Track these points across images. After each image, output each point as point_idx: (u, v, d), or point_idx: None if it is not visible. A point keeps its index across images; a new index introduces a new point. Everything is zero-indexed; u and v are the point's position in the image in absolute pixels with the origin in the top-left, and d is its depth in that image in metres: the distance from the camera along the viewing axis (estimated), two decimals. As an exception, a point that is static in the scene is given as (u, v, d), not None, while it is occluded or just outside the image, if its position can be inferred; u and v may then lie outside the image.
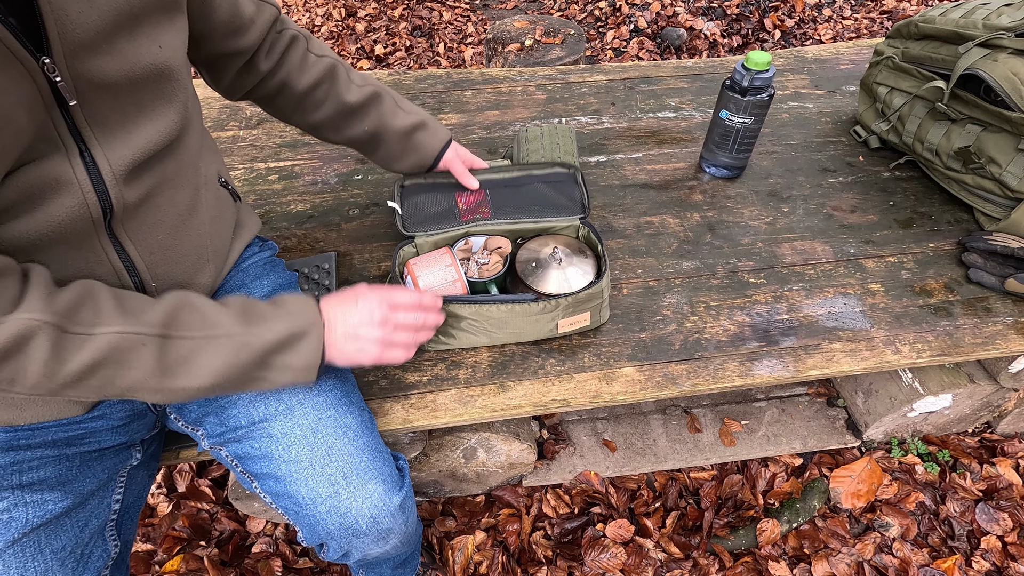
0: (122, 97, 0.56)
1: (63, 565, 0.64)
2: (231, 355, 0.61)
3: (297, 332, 0.65)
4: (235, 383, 0.63)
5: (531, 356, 0.92)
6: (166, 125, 0.61)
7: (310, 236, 1.10)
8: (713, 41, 2.94)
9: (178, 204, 0.65)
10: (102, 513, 0.70)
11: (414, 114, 0.91)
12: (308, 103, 0.85)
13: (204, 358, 0.59)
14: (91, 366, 0.54)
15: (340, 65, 0.86)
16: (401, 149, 0.92)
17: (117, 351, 0.55)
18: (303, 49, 0.83)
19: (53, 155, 0.53)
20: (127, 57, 0.54)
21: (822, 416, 1.38)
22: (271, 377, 0.65)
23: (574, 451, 1.32)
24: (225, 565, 1.19)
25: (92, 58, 0.52)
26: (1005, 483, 1.29)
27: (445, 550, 1.19)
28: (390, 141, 0.91)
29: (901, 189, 1.21)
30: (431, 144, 0.93)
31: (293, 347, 0.64)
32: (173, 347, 0.58)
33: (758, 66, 1.06)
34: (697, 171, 1.25)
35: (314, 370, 0.67)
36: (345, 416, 0.74)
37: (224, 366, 0.60)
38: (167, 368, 0.58)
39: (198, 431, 0.75)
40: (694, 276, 1.04)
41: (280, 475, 0.71)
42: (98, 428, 0.69)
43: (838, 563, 1.18)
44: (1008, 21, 1.02)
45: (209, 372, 0.60)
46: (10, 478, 0.63)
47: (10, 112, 0.47)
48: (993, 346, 0.95)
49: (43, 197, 0.53)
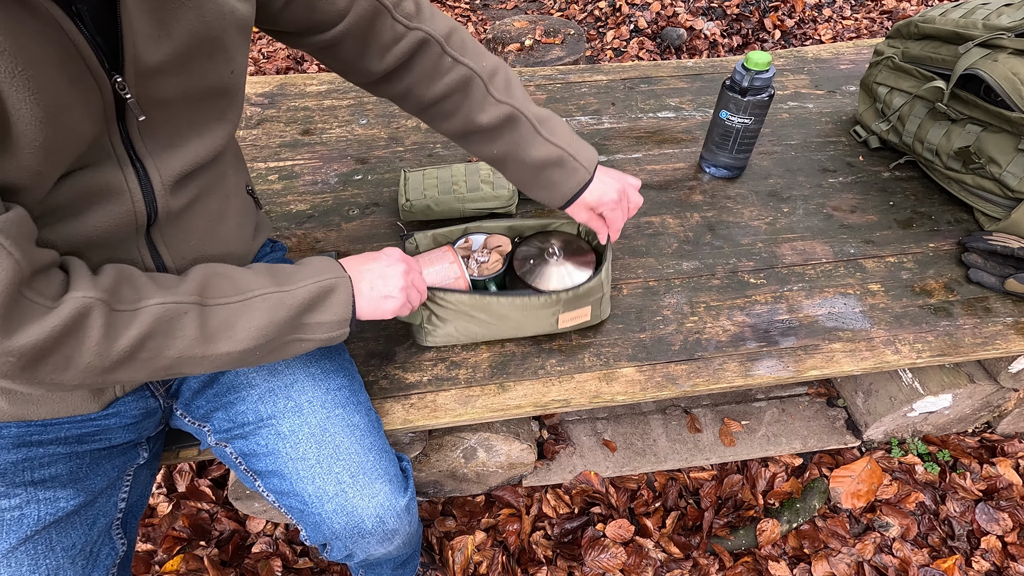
0: (181, 113, 0.58)
1: (74, 563, 0.65)
2: (268, 313, 0.60)
3: (327, 287, 0.64)
4: (274, 345, 0.62)
5: (531, 356, 0.92)
6: (214, 141, 0.62)
7: (310, 236, 1.10)
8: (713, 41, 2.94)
9: (211, 211, 0.67)
10: (109, 512, 0.71)
11: (554, 145, 0.78)
12: (435, 112, 0.78)
13: (243, 319, 0.59)
14: (139, 340, 0.53)
15: (478, 76, 0.75)
16: (532, 181, 0.82)
17: (161, 322, 0.55)
18: (436, 53, 0.73)
19: (106, 163, 0.54)
20: (196, 79, 0.57)
21: (822, 416, 1.38)
22: (306, 336, 0.64)
23: (574, 451, 1.32)
24: (225, 565, 1.19)
25: (160, 79, 0.53)
26: (1005, 483, 1.29)
27: (445, 550, 1.19)
28: (520, 171, 0.81)
29: (901, 189, 1.21)
30: (565, 185, 0.80)
31: (325, 302, 0.64)
32: (212, 313, 0.58)
33: (758, 66, 1.06)
34: (697, 171, 1.25)
35: (346, 324, 0.66)
36: (353, 415, 0.74)
37: (263, 325, 0.60)
38: (209, 334, 0.57)
39: (204, 427, 0.76)
40: (694, 276, 1.04)
41: (286, 473, 0.71)
42: (111, 425, 0.69)
43: (838, 563, 1.18)
44: (1008, 21, 1.02)
45: (249, 333, 0.59)
46: (22, 475, 0.63)
47: (78, 124, 0.49)
48: (993, 346, 0.95)
49: (92, 202, 0.54)
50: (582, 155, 0.80)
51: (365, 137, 1.33)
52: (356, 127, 1.35)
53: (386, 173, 1.23)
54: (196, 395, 0.75)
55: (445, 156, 1.28)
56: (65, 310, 0.49)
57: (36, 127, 0.45)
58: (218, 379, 0.75)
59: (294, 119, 1.37)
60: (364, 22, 0.69)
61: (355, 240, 1.09)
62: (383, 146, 1.30)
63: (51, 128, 0.46)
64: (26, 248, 0.47)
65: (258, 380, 0.74)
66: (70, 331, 0.50)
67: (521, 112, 0.77)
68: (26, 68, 0.44)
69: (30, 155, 0.46)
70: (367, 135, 1.33)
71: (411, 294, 0.72)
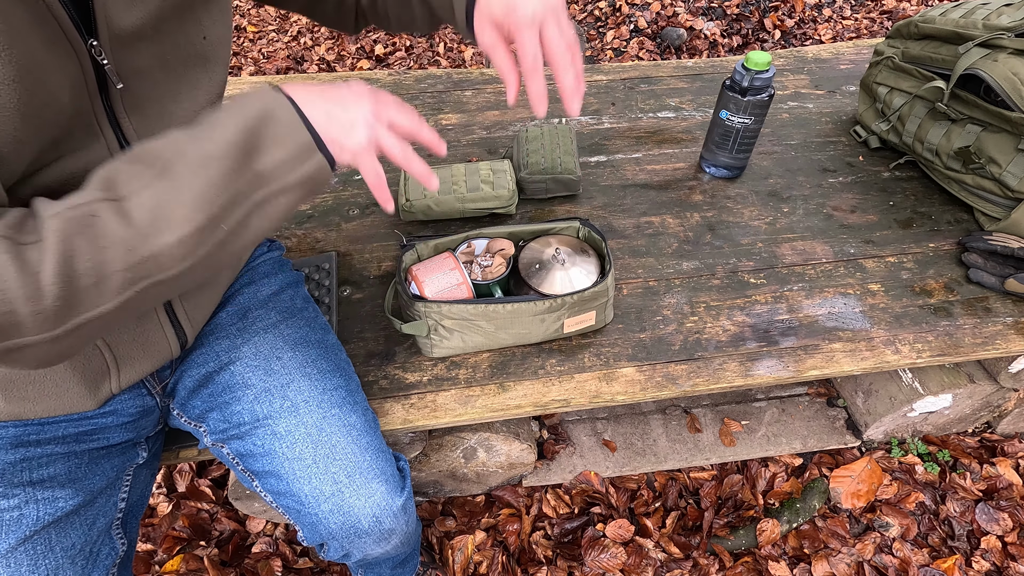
0: (160, 84, 0.56)
1: (73, 563, 0.64)
2: (199, 176, 0.47)
3: (258, 115, 0.49)
4: (237, 214, 0.49)
5: (531, 356, 0.92)
6: (198, 111, 0.61)
7: (310, 236, 1.10)
8: (713, 41, 2.94)
9: None
10: (109, 511, 0.71)
11: None
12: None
13: (172, 195, 0.47)
14: (60, 263, 0.44)
15: None
16: (419, 7, 0.70)
17: (69, 235, 0.44)
18: None
19: (92, 145, 0.53)
20: (170, 45, 0.55)
21: (822, 416, 1.38)
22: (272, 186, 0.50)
23: (574, 451, 1.32)
24: (225, 565, 1.19)
25: (136, 44, 0.52)
26: (1005, 483, 1.29)
27: (445, 550, 1.19)
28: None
29: (901, 189, 1.21)
30: None
31: (265, 135, 0.49)
32: (131, 204, 0.47)
33: (758, 66, 1.06)
34: (697, 171, 1.25)
35: (313, 150, 0.51)
36: (349, 415, 0.74)
37: (200, 192, 0.47)
38: (141, 228, 0.46)
39: (200, 428, 0.75)
40: (694, 276, 1.04)
41: (283, 473, 0.71)
42: (108, 424, 0.69)
43: (838, 563, 1.18)
44: (1008, 21, 1.02)
45: (188, 209, 0.47)
46: (20, 475, 0.63)
47: (56, 91, 0.48)
48: (993, 346, 0.95)
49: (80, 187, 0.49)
50: None
51: (365, 137, 1.32)
52: (356, 127, 1.35)
53: (386, 173, 1.23)
54: (192, 395, 0.75)
55: (445, 156, 1.28)
56: None
57: (8, 87, 0.44)
58: (213, 379, 0.75)
59: (294, 119, 1.37)
60: None
61: (355, 240, 1.09)
62: (383, 146, 1.30)
63: (25, 90, 0.45)
64: None
65: (254, 380, 0.74)
66: None
67: None
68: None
69: (5, 119, 0.45)
70: (367, 135, 1.33)
71: (380, 131, 0.53)
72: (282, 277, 0.84)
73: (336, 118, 0.51)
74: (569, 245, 0.92)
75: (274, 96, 0.50)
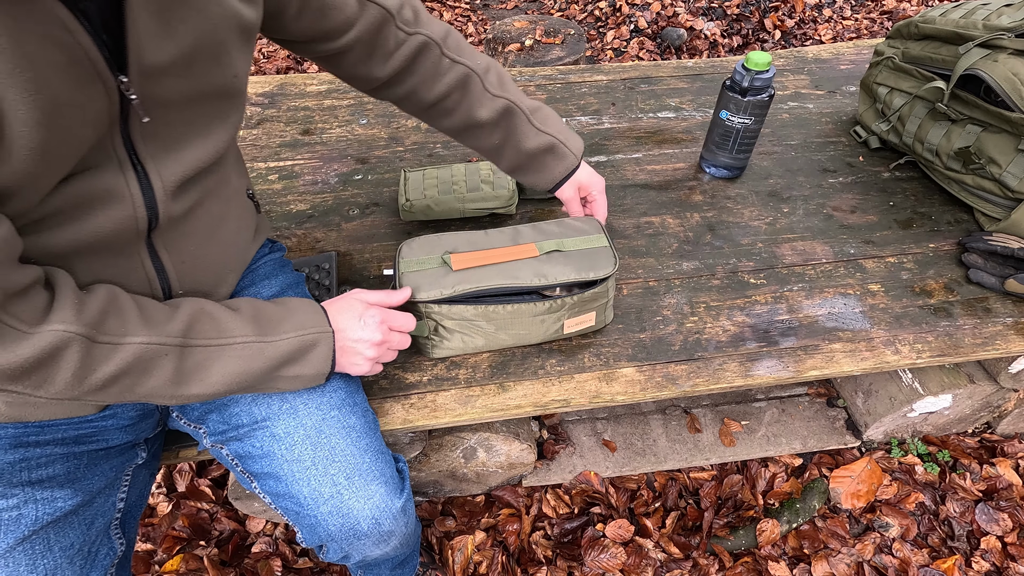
0: (183, 115, 0.57)
1: (72, 563, 0.65)
2: (245, 362, 0.62)
3: (309, 343, 0.66)
4: (245, 389, 0.64)
5: (531, 356, 0.92)
6: (215, 144, 0.62)
7: (310, 236, 1.10)
8: (713, 41, 2.94)
9: (212, 216, 0.67)
10: (107, 512, 0.71)
11: (546, 134, 0.85)
12: (436, 111, 0.82)
13: (218, 365, 0.60)
14: (115, 375, 0.55)
15: (475, 73, 0.80)
16: (526, 167, 0.88)
17: (141, 361, 0.55)
18: (435, 56, 0.77)
19: (106, 166, 0.53)
20: (199, 81, 0.56)
21: (822, 416, 1.38)
22: (280, 385, 0.67)
23: (574, 451, 1.32)
24: (225, 565, 1.19)
25: (164, 80, 0.53)
26: (1005, 483, 1.29)
27: (445, 550, 1.19)
28: (515, 158, 0.87)
29: (901, 189, 1.21)
30: (556, 169, 0.88)
31: (305, 357, 0.66)
32: (190, 355, 0.59)
33: (758, 66, 1.06)
34: (697, 171, 1.25)
35: (324, 377, 0.69)
36: (349, 417, 0.74)
37: (237, 373, 0.61)
38: (183, 376, 0.59)
39: (200, 429, 0.75)
40: (694, 276, 1.04)
41: (282, 475, 0.71)
42: (108, 427, 0.69)
43: (838, 563, 1.18)
44: (1008, 21, 1.02)
45: (222, 379, 0.61)
46: (19, 475, 0.63)
47: (80, 129, 0.49)
48: (993, 346, 0.95)
49: (92, 207, 0.54)
50: (571, 143, 0.89)
51: (365, 137, 1.33)
52: (356, 127, 1.35)
53: (386, 173, 1.23)
54: None
55: (445, 156, 1.28)
56: (41, 341, 0.49)
57: (32, 129, 0.45)
58: None
59: (294, 119, 1.37)
60: (372, 30, 0.71)
61: (355, 240, 1.09)
62: (383, 146, 1.30)
63: (48, 131, 0.46)
64: (6, 271, 0.47)
65: None
66: (43, 362, 0.50)
67: (516, 105, 0.83)
68: (25, 69, 0.43)
69: (25, 157, 0.45)
70: (367, 135, 1.33)
71: (382, 359, 0.75)
72: (283, 278, 0.84)
73: (349, 354, 0.70)
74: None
75: (325, 327, 0.68)
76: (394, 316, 0.75)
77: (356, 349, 0.71)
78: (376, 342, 0.71)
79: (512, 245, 0.86)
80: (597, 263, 0.85)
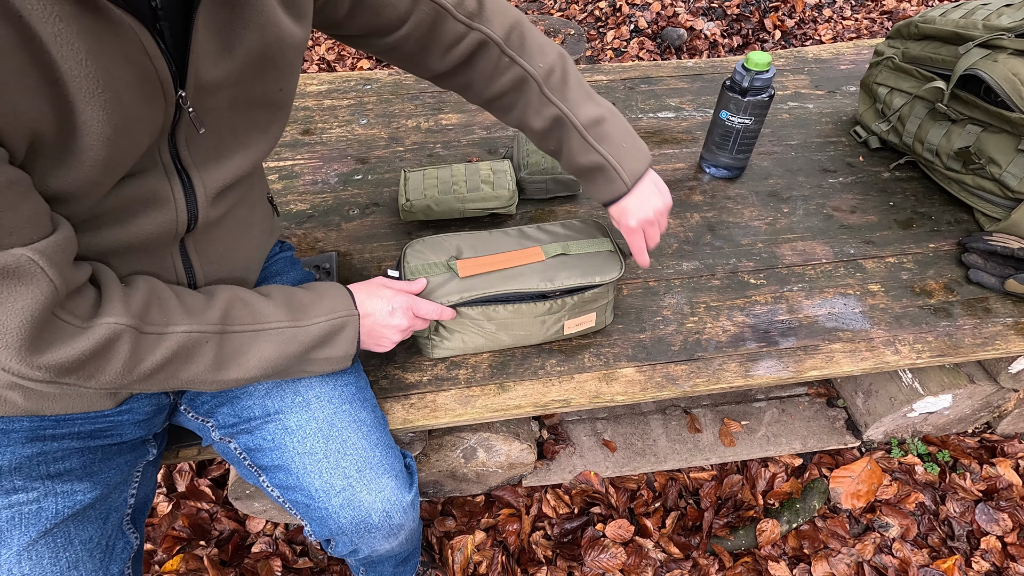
0: (230, 126, 0.60)
1: (92, 556, 0.65)
2: (281, 346, 0.64)
3: (338, 326, 0.68)
4: (279, 373, 0.66)
5: (531, 356, 0.92)
6: (256, 154, 0.64)
7: (310, 236, 1.10)
8: (713, 41, 2.94)
9: (240, 220, 0.69)
10: (120, 507, 0.71)
11: (597, 153, 0.79)
12: (495, 107, 0.81)
13: (256, 350, 0.62)
14: (161, 364, 0.56)
15: (533, 76, 0.76)
16: (579, 177, 0.84)
17: (184, 348, 0.58)
18: (495, 54, 0.74)
19: (152, 172, 0.56)
20: (247, 95, 0.59)
21: (822, 416, 1.38)
22: (311, 368, 0.69)
23: (574, 451, 1.32)
24: (225, 565, 1.19)
25: (217, 93, 0.55)
26: (1005, 483, 1.29)
27: (445, 550, 1.19)
28: (569, 168, 0.84)
29: (901, 189, 1.21)
30: (603, 191, 0.82)
31: (334, 340, 0.68)
32: (229, 341, 0.61)
33: (758, 66, 1.06)
34: (697, 171, 1.25)
35: (350, 359, 0.71)
36: (359, 411, 0.75)
37: (274, 357, 0.64)
38: (222, 361, 0.61)
39: (208, 423, 0.76)
40: (694, 276, 1.04)
41: (293, 467, 0.71)
42: (123, 422, 0.70)
43: (838, 563, 1.18)
44: (1008, 21, 1.02)
45: (259, 363, 0.63)
46: (38, 468, 0.63)
47: (141, 141, 0.51)
48: (993, 347, 0.95)
49: (139, 210, 0.56)
50: (626, 164, 0.79)
51: (365, 137, 1.33)
52: (356, 127, 1.35)
53: (386, 173, 1.23)
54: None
55: (445, 156, 1.28)
56: (97, 334, 0.51)
57: (102, 144, 0.47)
58: None
59: (294, 119, 1.37)
60: (425, 25, 0.71)
61: (355, 240, 1.09)
62: (383, 146, 1.30)
63: (116, 145, 0.48)
64: (65, 272, 0.49)
65: None
66: (98, 354, 0.52)
67: (568, 116, 0.77)
68: (105, 90, 0.45)
69: (91, 167, 0.48)
70: (367, 135, 1.33)
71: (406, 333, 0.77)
72: (294, 275, 0.86)
73: (377, 337, 0.74)
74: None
75: (352, 309, 0.70)
76: (420, 304, 0.77)
77: (384, 333, 0.74)
78: (403, 328, 0.74)
79: (517, 248, 0.86)
80: (603, 267, 0.85)
